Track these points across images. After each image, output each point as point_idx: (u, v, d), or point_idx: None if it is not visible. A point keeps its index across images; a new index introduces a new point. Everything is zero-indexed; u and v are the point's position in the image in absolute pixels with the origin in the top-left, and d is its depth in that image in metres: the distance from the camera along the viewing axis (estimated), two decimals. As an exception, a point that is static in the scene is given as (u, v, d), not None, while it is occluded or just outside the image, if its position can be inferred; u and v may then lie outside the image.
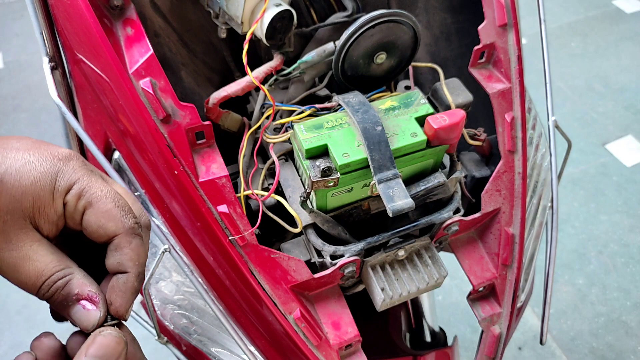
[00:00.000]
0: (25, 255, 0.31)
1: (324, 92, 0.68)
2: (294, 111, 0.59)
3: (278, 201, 0.58)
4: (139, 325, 0.68)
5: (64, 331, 0.35)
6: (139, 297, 0.94)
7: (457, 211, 0.60)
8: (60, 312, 0.33)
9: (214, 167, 0.54)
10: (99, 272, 0.35)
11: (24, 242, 0.31)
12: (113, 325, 0.32)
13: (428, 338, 0.95)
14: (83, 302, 0.32)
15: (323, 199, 0.54)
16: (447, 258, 0.65)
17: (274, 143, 0.58)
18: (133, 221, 0.33)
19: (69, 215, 0.33)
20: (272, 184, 0.56)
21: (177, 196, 0.55)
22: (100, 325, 0.32)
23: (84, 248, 0.36)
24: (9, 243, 0.30)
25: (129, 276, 0.33)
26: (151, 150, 0.55)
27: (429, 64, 0.65)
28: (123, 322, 0.34)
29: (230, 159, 0.64)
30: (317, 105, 0.59)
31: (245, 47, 0.57)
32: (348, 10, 0.70)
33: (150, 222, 0.36)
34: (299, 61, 0.62)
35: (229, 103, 0.64)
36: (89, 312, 0.32)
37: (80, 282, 0.32)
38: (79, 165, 0.32)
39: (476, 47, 0.62)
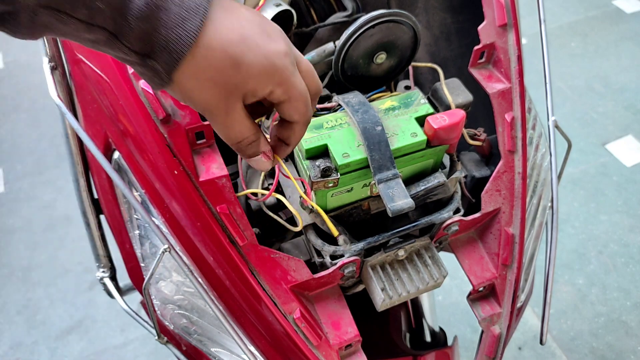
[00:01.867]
0: (236, 120, 0.41)
1: (324, 92, 0.68)
2: (294, 111, 0.59)
3: (278, 201, 0.58)
4: (139, 326, 0.68)
5: (65, 330, 0.35)
6: (139, 297, 0.94)
7: (457, 211, 0.60)
8: (243, 157, 0.45)
9: (213, 167, 0.54)
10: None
11: (237, 110, 0.40)
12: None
13: (428, 338, 0.95)
14: (263, 156, 0.45)
15: (323, 199, 0.54)
16: (447, 258, 0.65)
17: (274, 143, 0.58)
18: (310, 114, 0.43)
19: (269, 101, 0.41)
20: (272, 184, 0.56)
21: (177, 196, 0.55)
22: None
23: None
24: (227, 109, 0.40)
25: (288, 148, 0.46)
26: (151, 150, 0.55)
27: (429, 64, 0.65)
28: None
29: (230, 159, 0.64)
30: (317, 105, 0.59)
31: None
32: (348, 10, 0.70)
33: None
34: (299, 61, 0.62)
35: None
36: (265, 162, 0.45)
37: (264, 142, 0.44)
38: (289, 64, 0.40)
39: (476, 47, 0.62)
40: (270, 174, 0.61)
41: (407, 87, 0.68)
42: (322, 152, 0.52)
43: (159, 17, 0.35)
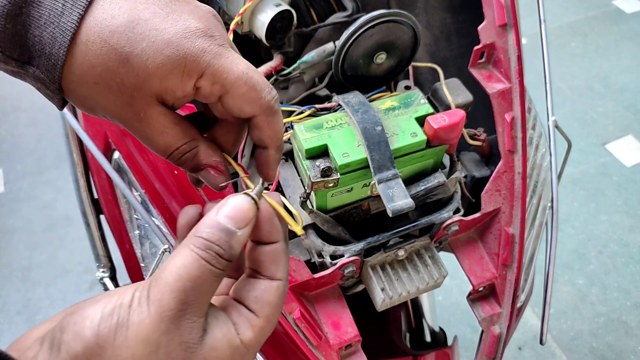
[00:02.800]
0: (154, 128, 0.33)
1: (324, 92, 0.68)
2: (294, 111, 0.59)
3: (278, 201, 0.58)
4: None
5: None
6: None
7: (457, 211, 0.60)
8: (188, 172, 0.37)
9: (214, 167, 0.54)
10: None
11: (152, 117, 0.33)
12: (254, 197, 0.34)
13: (428, 338, 0.95)
14: (209, 169, 0.36)
15: (323, 199, 0.54)
16: (447, 258, 0.65)
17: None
18: (268, 99, 0.34)
19: (204, 98, 0.34)
20: (272, 184, 0.56)
21: (177, 196, 0.55)
22: (225, 187, 0.37)
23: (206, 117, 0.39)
24: (138, 117, 0.33)
25: (269, 151, 0.37)
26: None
27: (429, 64, 0.65)
28: (265, 194, 0.36)
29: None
30: (317, 105, 0.59)
31: (230, 35, 0.57)
32: (348, 10, 0.70)
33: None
34: (299, 61, 0.62)
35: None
36: (215, 176, 0.37)
37: (205, 152, 0.36)
38: (208, 45, 0.32)
39: (476, 47, 0.62)
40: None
41: (407, 87, 0.67)
42: (322, 152, 0.52)
43: (29, 14, 0.29)
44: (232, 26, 0.58)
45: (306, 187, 0.53)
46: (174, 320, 0.28)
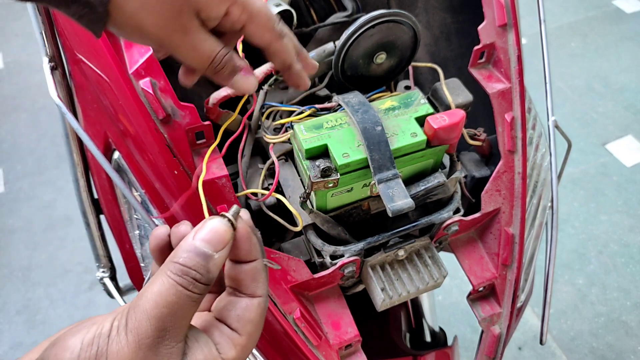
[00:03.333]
0: (199, 37, 0.38)
1: (324, 92, 0.68)
2: (294, 111, 0.59)
3: (278, 201, 0.58)
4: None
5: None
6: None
7: (457, 211, 0.60)
8: (223, 81, 0.41)
9: (214, 167, 0.54)
10: None
11: (196, 28, 0.37)
12: (230, 218, 0.35)
13: (428, 338, 0.95)
14: (243, 72, 0.41)
15: (323, 199, 0.54)
16: (447, 258, 0.65)
17: (274, 143, 0.58)
18: (280, 27, 0.41)
19: (230, 23, 0.39)
20: (272, 184, 0.56)
21: (177, 196, 0.55)
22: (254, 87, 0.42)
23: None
24: (184, 29, 0.37)
25: (294, 67, 0.44)
26: (151, 150, 0.55)
27: (429, 64, 0.65)
28: (241, 216, 0.36)
29: (230, 159, 0.64)
30: (317, 105, 0.59)
31: (239, 46, 0.57)
32: (348, 10, 0.70)
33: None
34: (299, 61, 0.62)
35: (229, 103, 0.64)
36: (248, 77, 0.42)
37: (238, 57, 0.41)
38: None
39: (476, 47, 0.62)
40: (270, 174, 0.61)
41: (407, 87, 0.67)
42: (322, 152, 0.52)
43: None
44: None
45: (306, 187, 0.53)
46: (151, 348, 0.29)
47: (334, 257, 0.56)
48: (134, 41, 0.41)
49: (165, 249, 0.37)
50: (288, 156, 0.61)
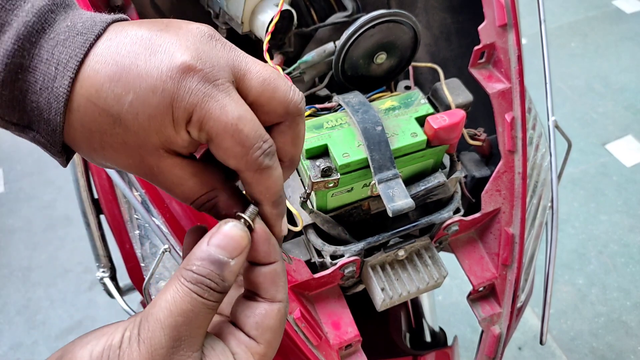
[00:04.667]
0: (170, 181, 0.31)
1: (324, 92, 0.68)
2: (294, 111, 0.59)
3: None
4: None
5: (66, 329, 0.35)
6: (139, 297, 0.94)
7: (457, 211, 0.60)
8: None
9: (214, 167, 0.54)
10: None
11: (166, 170, 0.31)
12: (247, 220, 0.32)
13: (428, 338, 0.95)
14: (229, 220, 0.32)
15: (323, 199, 0.54)
16: (447, 258, 0.65)
17: (274, 143, 0.58)
18: (256, 155, 0.30)
19: (196, 144, 0.31)
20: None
21: (177, 196, 0.55)
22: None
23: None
24: (153, 172, 0.31)
25: (264, 207, 0.33)
26: (151, 150, 0.55)
27: (429, 64, 0.65)
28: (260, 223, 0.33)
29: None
30: (317, 105, 0.59)
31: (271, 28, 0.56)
32: (348, 10, 0.70)
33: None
34: (299, 61, 0.62)
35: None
36: (238, 230, 0.31)
37: (225, 203, 0.33)
38: (195, 85, 0.28)
39: (476, 47, 0.62)
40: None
41: (407, 87, 0.67)
42: (322, 152, 0.52)
43: (25, 80, 0.27)
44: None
45: (306, 187, 0.53)
46: (166, 358, 0.27)
47: (334, 257, 0.56)
48: None
49: None
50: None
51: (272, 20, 0.58)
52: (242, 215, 0.32)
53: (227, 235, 0.30)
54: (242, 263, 0.31)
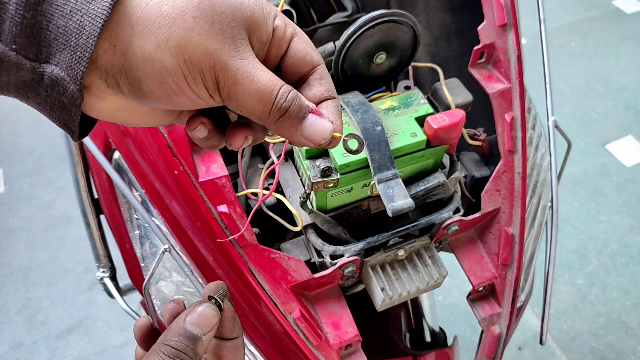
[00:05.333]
0: (255, 64, 0.29)
1: (324, 92, 0.68)
2: (294, 111, 0.59)
3: (278, 201, 0.58)
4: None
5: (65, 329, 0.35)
6: (139, 297, 0.94)
7: (457, 211, 0.60)
8: (291, 129, 0.32)
9: (214, 167, 0.54)
10: None
11: (250, 53, 0.29)
12: (214, 301, 0.39)
13: (428, 338, 0.95)
14: (313, 114, 0.32)
15: (323, 199, 0.54)
16: (447, 258, 0.65)
17: (273, 143, 0.58)
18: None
19: (277, 42, 0.32)
20: (272, 184, 0.56)
21: (177, 196, 0.55)
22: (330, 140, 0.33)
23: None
24: (238, 52, 0.29)
25: (337, 101, 0.34)
26: (151, 150, 0.55)
27: (429, 64, 0.65)
28: (222, 305, 0.40)
29: (230, 159, 0.64)
30: (317, 105, 0.59)
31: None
32: (348, 10, 0.70)
33: None
34: (298, 61, 0.62)
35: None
36: (322, 120, 0.32)
37: (304, 97, 0.32)
38: None
39: (476, 47, 0.62)
40: (270, 174, 0.61)
41: (407, 87, 0.67)
42: (322, 152, 0.52)
43: (52, 2, 0.26)
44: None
45: (306, 187, 0.53)
46: None
47: (334, 257, 0.56)
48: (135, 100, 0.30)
49: (149, 337, 0.41)
50: (288, 156, 0.61)
51: None
52: (214, 296, 0.39)
53: (200, 314, 0.37)
54: (211, 337, 0.37)
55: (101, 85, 0.29)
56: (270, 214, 0.58)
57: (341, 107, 0.57)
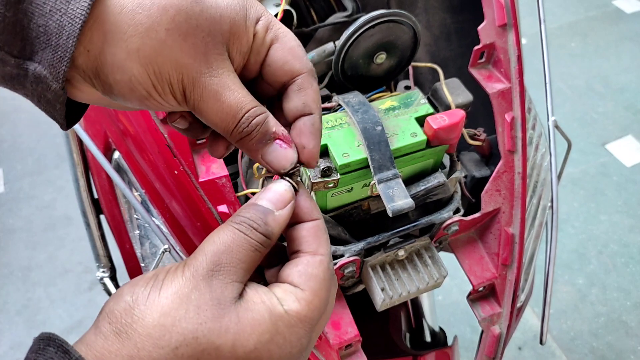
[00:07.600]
0: (225, 83, 0.30)
1: (324, 92, 0.68)
2: (294, 111, 0.59)
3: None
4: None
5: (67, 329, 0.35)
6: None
7: (457, 211, 0.60)
8: (252, 152, 0.33)
9: (214, 167, 0.54)
10: None
11: (223, 70, 0.30)
12: (291, 181, 0.35)
13: (428, 338, 0.95)
14: (279, 141, 0.33)
15: (323, 199, 0.54)
16: (447, 258, 0.65)
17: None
18: (311, 64, 0.33)
19: (256, 49, 0.32)
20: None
21: (177, 196, 0.55)
22: (293, 169, 0.34)
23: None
24: (210, 68, 0.29)
25: (315, 117, 0.34)
26: (151, 150, 0.55)
27: (429, 64, 0.65)
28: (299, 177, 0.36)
29: (230, 159, 0.64)
30: (317, 105, 0.58)
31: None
32: (348, 10, 0.70)
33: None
34: (299, 61, 0.62)
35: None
36: (286, 150, 0.33)
37: (274, 121, 0.33)
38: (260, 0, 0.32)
39: (476, 47, 0.62)
40: (271, 173, 0.61)
41: (407, 87, 0.67)
42: (322, 152, 0.52)
43: (32, 1, 0.26)
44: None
45: (306, 187, 0.53)
46: (205, 279, 0.29)
47: (334, 257, 0.56)
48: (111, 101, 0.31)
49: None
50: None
51: None
52: (286, 177, 0.34)
53: (272, 190, 0.33)
54: (287, 216, 0.33)
55: (81, 80, 0.29)
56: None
57: (341, 107, 0.57)
